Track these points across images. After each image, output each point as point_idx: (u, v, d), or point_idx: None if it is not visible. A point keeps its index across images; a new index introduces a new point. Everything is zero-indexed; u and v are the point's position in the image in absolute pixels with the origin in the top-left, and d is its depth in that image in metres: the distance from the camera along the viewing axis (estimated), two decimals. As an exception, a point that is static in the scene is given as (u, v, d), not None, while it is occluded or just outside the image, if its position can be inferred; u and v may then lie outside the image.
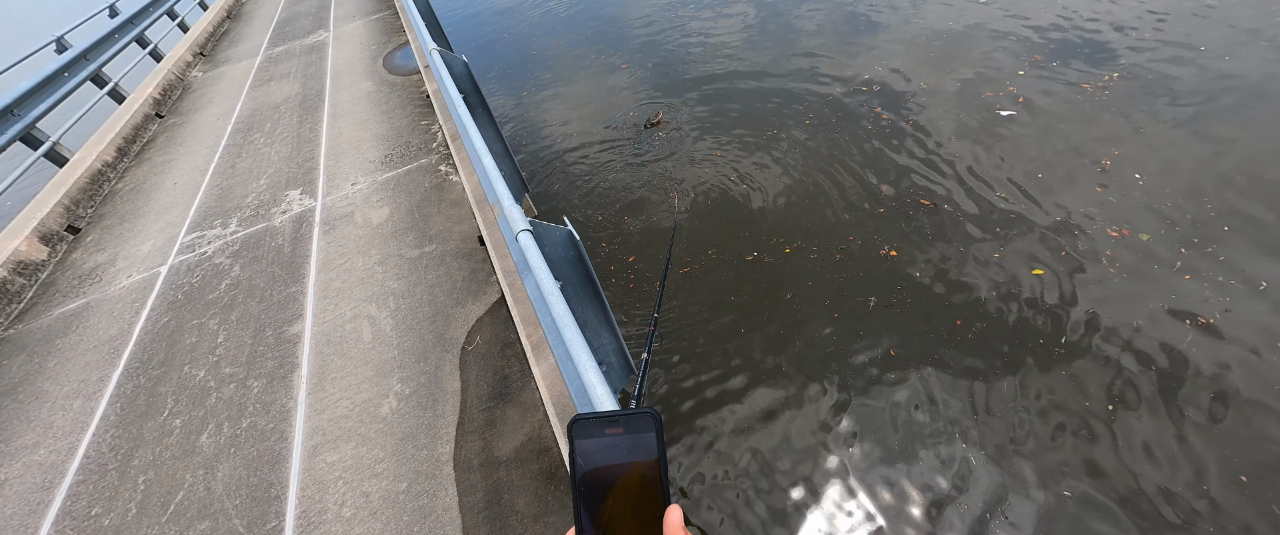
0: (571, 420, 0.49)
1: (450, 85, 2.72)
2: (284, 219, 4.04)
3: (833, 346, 3.65)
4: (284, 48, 7.98)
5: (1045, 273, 3.71)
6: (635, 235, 4.98)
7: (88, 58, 6.43)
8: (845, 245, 4.30)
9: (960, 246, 4.05)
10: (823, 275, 4.13)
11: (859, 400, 3.35)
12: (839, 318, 3.79)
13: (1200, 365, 3.05)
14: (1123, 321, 3.35)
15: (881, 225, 4.38)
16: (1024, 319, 3.51)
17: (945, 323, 3.60)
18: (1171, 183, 4.08)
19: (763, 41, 7.66)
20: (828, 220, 4.58)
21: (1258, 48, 5.12)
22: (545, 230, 1.62)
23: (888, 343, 3.58)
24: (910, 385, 3.34)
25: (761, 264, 4.34)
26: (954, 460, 2.98)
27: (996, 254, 3.90)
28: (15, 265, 4.03)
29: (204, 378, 2.91)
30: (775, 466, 3.15)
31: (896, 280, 3.94)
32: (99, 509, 2.39)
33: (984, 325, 3.53)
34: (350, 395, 2.61)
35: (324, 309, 3.15)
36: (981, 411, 3.14)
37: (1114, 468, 2.78)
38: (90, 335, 3.42)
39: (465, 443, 2.30)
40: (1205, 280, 3.42)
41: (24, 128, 5.12)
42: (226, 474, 2.40)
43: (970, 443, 3.03)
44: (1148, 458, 2.79)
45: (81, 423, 2.83)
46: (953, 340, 3.49)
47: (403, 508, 2.12)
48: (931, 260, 4.01)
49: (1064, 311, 3.49)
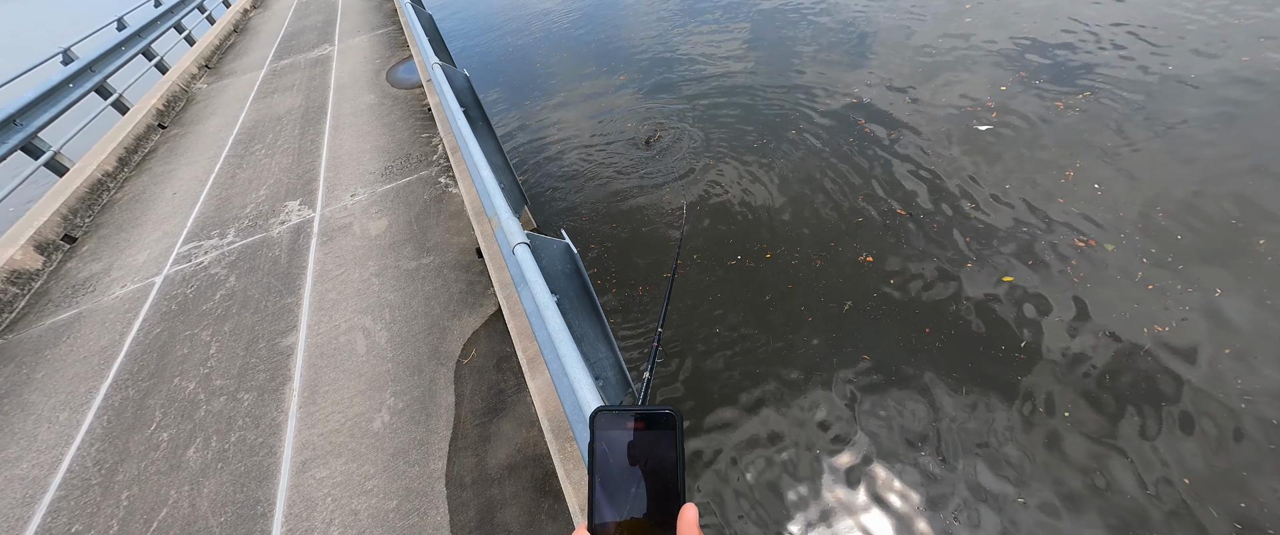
0: (594, 411, 0.49)
1: (450, 97, 2.73)
2: (282, 230, 4.02)
3: (805, 348, 3.73)
4: (288, 61, 8.07)
5: (1013, 280, 3.83)
6: (631, 246, 5.02)
7: (93, 69, 6.49)
8: (827, 251, 4.43)
9: (933, 254, 4.17)
10: (804, 279, 4.25)
11: (826, 400, 3.42)
12: (813, 321, 3.91)
13: (1157, 371, 3.14)
14: (1085, 328, 3.44)
15: (860, 232, 4.53)
16: (990, 325, 3.59)
17: (916, 329, 3.67)
18: (1137, 196, 4.20)
19: (757, 57, 7.84)
20: (810, 227, 4.74)
21: (1219, 66, 5.32)
22: (542, 243, 1.60)
23: (858, 346, 3.66)
24: (876, 388, 3.41)
25: (742, 268, 4.47)
26: (915, 465, 3.03)
27: (969, 264, 4.02)
28: (9, 274, 4.00)
29: (194, 390, 2.86)
30: (742, 460, 3.23)
31: (872, 286, 4.05)
32: (80, 526, 2.32)
33: (952, 332, 3.61)
34: (342, 409, 2.56)
35: (319, 321, 3.11)
36: (945, 416, 3.19)
37: (1069, 472, 2.85)
38: (81, 346, 3.37)
39: (458, 459, 2.24)
40: (1165, 290, 3.52)
41: (26, 137, 5.14)
42: (212, 490, 2.34)
43: (930, 448, 3.07)
44: (1103, 462, 2.83)
45: (66, 436, 2.76)
46: (921, 347, 3.56)
47: (392, 526, 2.05)
48: (906, 267, 4.12)
49: (1028, 318, 3.57)
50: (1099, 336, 3.37)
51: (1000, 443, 3.01)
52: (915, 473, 2.99)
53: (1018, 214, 4.32)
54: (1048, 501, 2.75)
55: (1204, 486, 2.66)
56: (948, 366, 3.42)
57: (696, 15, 9.89)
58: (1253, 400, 2.91)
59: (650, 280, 4.61)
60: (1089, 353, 3.31)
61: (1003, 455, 2.96)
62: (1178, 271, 3.60)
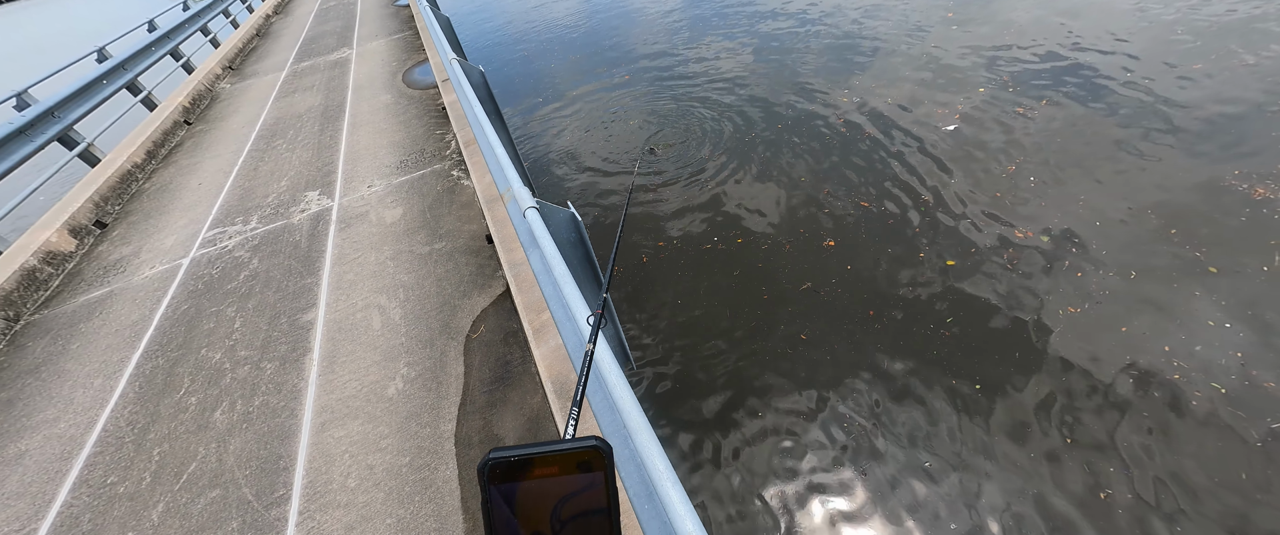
0: (484, 460, 0.36)
1: (467, 87, 2.92)
2: (302, 217, 4.23)
3: (758, 323, 4.19)
4: (309, 63, 8.38)
5: (955, 264, 4.30)
6: (630, 236, 5.33)
7: (125, 67, 6.81)
8: (796, 237, 4.91)
9: (892, 242, 4.62)
10: (773, 261, 4.71)
11: (768, 372, 3.81)
12: (768, 298, 4.37)
13: (1073, 351, 3.54)
14: (1012, 311, 3.87)
15: (828, 220, 5.02)
16: (930, 306, 4.03)
17: (860, 312, 4.10)
18: (1080, 194, 4.67)
19: (753, 65, 8.26)
20: (782, 214, 5.21)
21: (1174, 77, 5.84)
22: (550, 211, 1.77)
23: (806, 325, 4.08)
24: (815, 368, 3.77)
25: (716, 251, 4.95)
26: (842, 443, 3.35)
27: (921, 254, 4.45)
28: (46, 255, 4.23)
29: (220, 360, 3.04)
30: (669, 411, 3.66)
31: (831, 269, 4.50)
32: (115, 478, 2.49)
33: (900, 315, 4.02)
34: (359, 377, 2.73)
35: (337, 299, 3.29)
36: (879, 395, 3.53)
37: (985, 445, 3.19)
38: (113, 320, 3.57)
39: (466, 421, 2.40)
40: (1089, 276, 3.97)
41: (62, 129, 5.42)
42: (238, 447, 2.50)
43: (855, 428, 3.40)
44: (1016, 437, 3.20)
45: (101, 399, 2.95)
46: (865, 327, 3.98)
47: (405, 479, 2.21)
48: (866, 253, 4.57)
49: (966, 299, 4.01)
50: (1021, 317, 3.80)
51: (929, 417, 3.38)
52: (835, 429, 3.40)
53: (967, 208, 4.80)
54: (959, 460, 3.12)
55: (1083, 439, 3.10)
56: (888, 345, 3.83)
57: (704, 28, 10.21)
58: (1134, 367, 3.38)
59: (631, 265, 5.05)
60: (1018, 331, 3.74)
61: (918, 424, 3.36)
62: (1101, 258, 4.07)
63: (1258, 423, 2.97)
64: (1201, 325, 3.47)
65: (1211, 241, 3.97)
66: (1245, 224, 4.05)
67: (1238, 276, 3.69)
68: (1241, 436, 2.93)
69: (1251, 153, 4.64)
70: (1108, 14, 7.30)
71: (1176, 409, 3.11)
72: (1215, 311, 3.51)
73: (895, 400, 3.47)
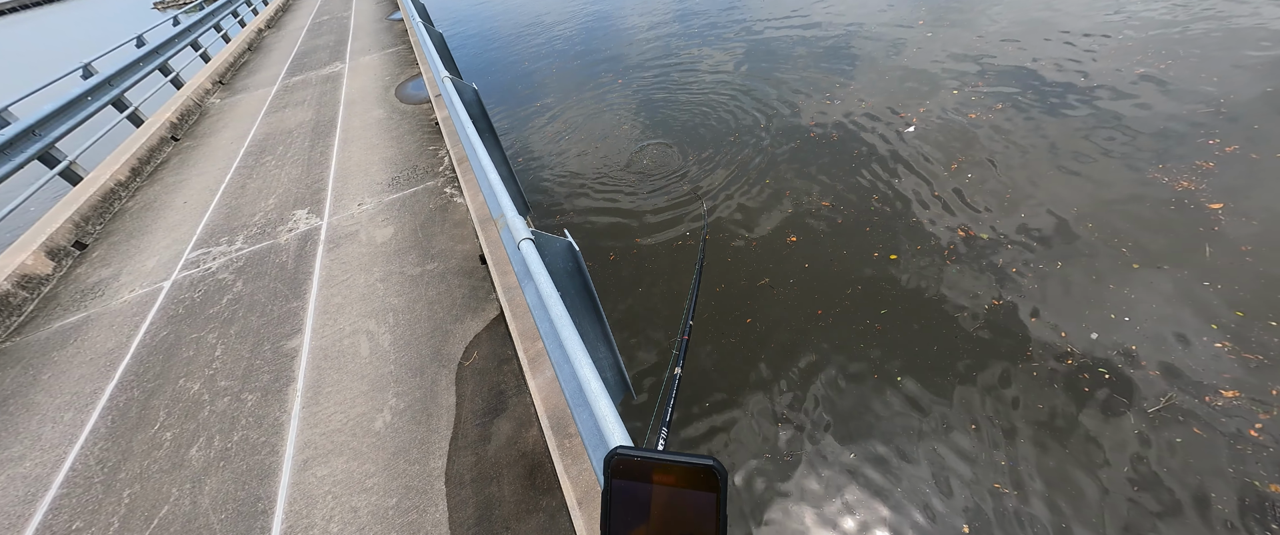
0: (612, 453, 0.38)
1: (459, 106, 2.83)
2: (289, 237, 4.10)
3: (709, 313, 4.37)
4: (300, 78, 8.30)
5: (898, 258, 4.53)
6: (626, 246, 5.33)
7: (112, 83, 6.69)
8: (763, 235, 5.09)
9: (845, 241, 4.86)
10: (739, 257, 4.87)
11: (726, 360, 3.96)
12: (721, 289, 4.54)
13: (1001, 337, 3.77)
14: (949, 300, 4.10)
15: (789, 220, 5.23)
16: (874, 296, 4.25)
17: (810, 307, 4.26)
18: (1020, 194, 4.99)
19: (740, 71, 8.50)
20: (753, 213, 5.37)
21: (1124, 85, 6.18)
22: (546, 240, 1.67)
23: (762, 320, 4.22)
24: (760, 359, 3.90)
25: (687, 247, 5.09)
26: (771, 413, 3.55)
27: (875, 253, 4.65)
28: (20, 279, 4.07)
29: (198, 391, 2.89)
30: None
31: (790, 266, 4.68)
32: (81, 523, 2.33)
33: (855, 296, 4.26)
34: (344, 409, 2.59)
35: (323, 324, 3.16)
36: (817, 382, 3.69)
37: (909, 418, 3.37)
38: (87, 348, 3.41)
39: (458, 457, 2.27)
40: (1025, 267, 4.24)
41: (43, 147, 5.28)
42: (214, 488, 2.35)
43: (792, 419, 3.52)
44: (943, 419, 3.36)
45: (70, 435, 2.79)
46: (812, 322, 4.14)
47: (391, 523, 2.07)
48: (822, 250, 4.79)
49: (904, 291, 4.23)
50: (958, 307, 4.02)
51: (856, 403, 3.57)
52: (772, 415, 3.56)
53: (914, 208, 5.03)
54: (890, 437, 3.34)
55: (1027, 419, 3.29)
56: (835, 336, 4.02)
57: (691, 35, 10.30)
58: (1069, 349, 3.61)
59: (623, 257, 5.12)
60: (955, 320, 3.93)
61: (847, 406, 3.56)
62: (1034, 250, 4.34)
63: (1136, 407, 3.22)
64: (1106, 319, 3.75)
65: (1135, 236, 4.27)
66: (1172, 217, 4.33)
67: (1157, 272, 3.96)
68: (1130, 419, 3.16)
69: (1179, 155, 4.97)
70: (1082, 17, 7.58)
71: (1072, 394, 3.36)
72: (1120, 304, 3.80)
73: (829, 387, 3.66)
